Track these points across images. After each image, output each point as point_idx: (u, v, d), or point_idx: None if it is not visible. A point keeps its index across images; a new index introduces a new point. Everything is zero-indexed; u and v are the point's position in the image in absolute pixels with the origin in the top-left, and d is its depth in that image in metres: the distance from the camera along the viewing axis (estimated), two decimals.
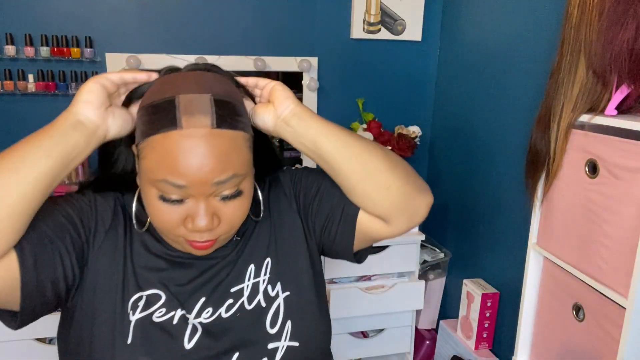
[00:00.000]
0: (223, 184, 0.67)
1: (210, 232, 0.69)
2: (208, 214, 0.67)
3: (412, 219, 0.78)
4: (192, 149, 0.64)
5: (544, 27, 1.48)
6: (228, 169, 0.66)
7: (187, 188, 0.65)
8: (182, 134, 0.64)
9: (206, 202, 0.67)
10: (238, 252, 0.80)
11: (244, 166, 0.69)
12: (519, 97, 1.61)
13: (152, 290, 0.74)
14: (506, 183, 1.70)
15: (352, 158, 0.74)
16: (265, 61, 1.96)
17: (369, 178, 0.75)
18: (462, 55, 1.97)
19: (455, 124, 2.04)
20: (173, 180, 0.64)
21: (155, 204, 0.68)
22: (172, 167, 0.64)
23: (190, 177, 0.64)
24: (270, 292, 0.79)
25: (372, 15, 2.02)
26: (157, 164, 0.65)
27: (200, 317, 0.75)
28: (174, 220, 0.68)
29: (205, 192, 0.66)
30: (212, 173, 0.65)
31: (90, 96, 0.66)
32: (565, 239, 1.10)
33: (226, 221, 0.70)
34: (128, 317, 0.72)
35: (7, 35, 1.73)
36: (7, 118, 1.80)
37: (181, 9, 1.88)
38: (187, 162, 0.64)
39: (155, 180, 0.66)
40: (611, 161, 0.97)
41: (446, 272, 2.12)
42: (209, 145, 0.64)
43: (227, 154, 0.66)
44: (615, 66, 0.95)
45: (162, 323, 0.73)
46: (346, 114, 2.12)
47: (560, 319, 1.15)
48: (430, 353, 2.08)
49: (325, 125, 0.75)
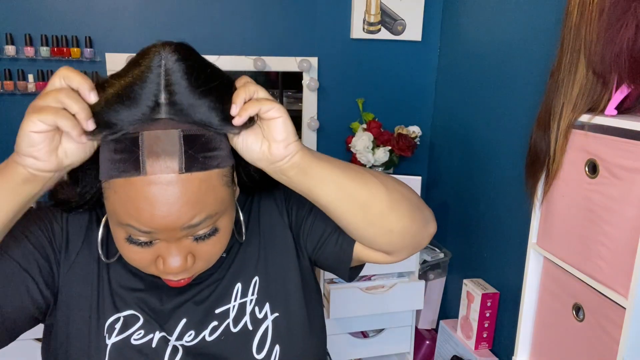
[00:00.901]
0: (195, 227, 0.60)
1: (184, 272, 0.64)
2: (181, 255, 0.62)
3: (414, 250, 0.74)
4: (157, 197, 0.56)
5: (544, 27, 1.48)
6: (200, 213, 0.59)
7: (154, 233, 0.59)
8: (145, 181, 0.56)
9: (178, 243, 0.61)
10: (223, 269, 0.75)
11: (220, 204, 0.62)
12: (519, 97, 1.61)
13: (129, 311, 0.70)
14: (506, 183, 1.70)
15: (354, 209, 0.65)
16: (265, 61, 1.96)
17: (370, 226, 0.67)
18: (462, 56, 1.97)
19: (455, 124, 2.03)
20: (138, 227, 0.58)
21: (124, 245, 0.62)
22: (136, 214, 0.57)
23: (157, 225, 0.58)
24: (257, 313, 0.74)
25: (372, 15, 2.02)
26: (120, 208, 0.58)
27: (182, 340, 0.71)
28: (145, 260, 0.63)
29: (176, 236, 0.60)
30: (180, 220, 0.58)
31: (33, 151, 0.54)
32: (565, 239, 1.10)
33: (202, 258, 0.65)
34: (104, 341, 0.69)
35: (7, 35, 1.73)
36: (7, 118, 1.81)
37: (181, 9, 1.88)
38: (151, 211, 0.57)
39: (120, 223, 0.60)
40: (611, 161, 0.97)
41: (446, 272, 2.12)
42: (177, 191, 0.57)
43: (197, 197, 0.58)
44: (615, 66, 0.94)
45: (140, 346, 0.69)
46: (346, 114, 2.12)
47: (560, 319, 1.15)
48: (430, 353, 2.08)
49: (326, 173, 0.63)
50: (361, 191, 0.65)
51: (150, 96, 0.56)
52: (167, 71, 0.56)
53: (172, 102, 0.56)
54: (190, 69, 0.57)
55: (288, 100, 2.11)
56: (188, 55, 0.58)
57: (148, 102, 0.56)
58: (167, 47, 0.58)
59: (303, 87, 2.05)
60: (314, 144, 2.10)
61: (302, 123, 2.07)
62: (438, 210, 2.19)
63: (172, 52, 0.57)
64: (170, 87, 0.56)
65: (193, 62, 0.58)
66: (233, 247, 0.77)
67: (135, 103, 0.55)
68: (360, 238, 0.70)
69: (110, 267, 0.72)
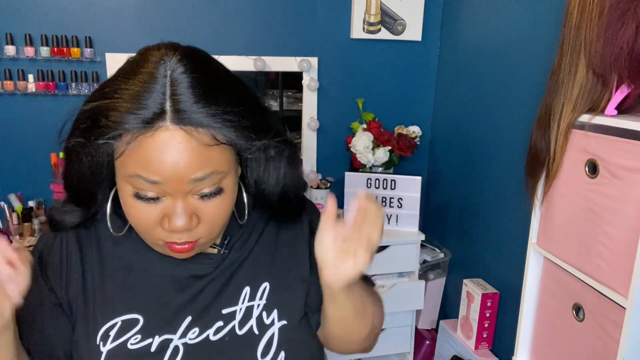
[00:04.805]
0: (201, 181, 0.61)
1: (189, 232, 0.64)
2: (186, 213, 0.63)
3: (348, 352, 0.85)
4: (168, 145, 0.59)
5: (544, 27, 1.48)
6: (207, 165, 0.61)
7: (162, 184, 0.60)
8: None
9: (184, 200, 0.62)
10: (232, 271, 0.75)
11: (225, 163, 0.63)
12: (519, 97, 1.61)
13: (130, 315, 0.70)
14: (506, 183, 1.70)
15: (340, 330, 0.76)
16: (265, 61, 1.96)
17: (338, 341, 0.79)
18: (462, 55, 1.97)
19: (455, 124, 2.04)
20: (147, 176, 0.60)
21: (131, 202, 0.63)
22: (146, 162, 0.59)
23: (165, 173, 0.59)
24: (264, 319, 0.74)
25: (372, 15, 2.02)
26: (131, 159, 0.60)
27: (186, 338, 0.71)
28: (150, 220, 0.64)
29: (183, 189, 0.61)
30: (187, 170, 0.60)
31: None
32: (565, 239, 1.10)
33: (206, 221, 0.65)
34: (99, 349, 0.69)
35: (7, 35, 1.73)
36: (7, 118, 1.80)
37: (181, 9, 1.88)
38: (161, 158, 0.59)
39: (128, 175, 0.61)
40: (611, 161, 0.97)
41: (446, 272, 2.12)
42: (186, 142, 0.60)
43: (205, 150, 0.60)
44: (615, 66, 0.94)
45: (137, 351, 0.69)
46: (346, 114, 2.12)
47: (560, 319, 1.15)
48: (430, 353, 2.08)
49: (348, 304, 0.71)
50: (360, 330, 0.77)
51: (156, 105, 0.58)
52: (173, 82, 0.59)
53: (176, 110, 0.59)
54: (196, 82, 0.60)
55: (288, 100, 2.11)
56: (195, 66, 0.61)
57: (154, 109, 0.58)
58: (173, 55, 0.60)
59: (303, 87, 2.04)
60: (314, 144, 2.11)
61: (302, 123, 2.07)
62: (438, 210, 2.19)
63: (178, 61, 0.60)
64: (175, 97, 0.59)
65: (200, 75, 0.61)
66: (244, 248, 0.77)
67: (139, 110, 0.58)
68: (324, 335, 0.79)
69: (106, 274, 0.72)
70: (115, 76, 0.62)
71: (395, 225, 1.96)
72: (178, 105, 0.58)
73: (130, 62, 0.63)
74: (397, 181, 1.92)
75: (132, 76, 0.60)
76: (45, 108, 1.81)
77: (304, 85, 2.04)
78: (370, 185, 1.95)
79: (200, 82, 0.60)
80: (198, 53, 0.65)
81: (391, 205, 1.94)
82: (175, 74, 0.59)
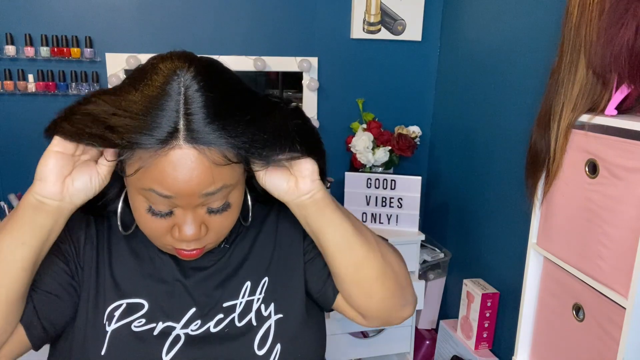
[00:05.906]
0: (212, 195, 0.64)
1: (197, 241, 0.68)
2: (195, 224, 0.66)
3: (385, 324, 0.79)
4: (182, 163, 0.60)
5: (544, 27, 1.48)
6: (218, 181, 0.63)
7: (174, 199, 0.63)
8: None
9: (194, 212, 0.65)
10: (234, 267, 0.78)
11: (234, 177, 0.66)
12: (519, 97, 1.61)
13: (136, 299, 0.73)
14: (506, 183, 1.70)
15: (347, 263, 0.72)
16: (265, 61, 1.96)
17: (354, 285, 0.73)
18: (462, 55, 1.97)
19: (455, 124, 2.04)
20: (160, 191, 0.62)
21: (143, 215, 0.66)
22: (160, 178, 0.61)
23: (178, 189, 0.61)
24: (263, 311, 0.77)
25: (372, 15, 2.02)
26: (145, 174, 0.62)
27: (188, 329, 0.74)
28: (161, 228, 0.67)
29: (193, 203, 0.64)
30: (199, 186, 0.62)
31: (44, 171, 0.60)
32: (565, 239, 1.10)
33: (214, 230, 0.69)
34: (104, 328, 0.71)
35: (7, 35, 1.73)
36: (7, 118, 1.80)
37: (181, 9, 1.88)
38: (175, 175, 0.61)
39: (142, 188, 0.63)
40: (611, 161, 0.97)
41: (446, 272, 2.12)
42: (199, 160, 0.61)
43: (216, 167, 0.62)
44: (615, 66, 0.94)
45: (141, 333, 0.72)
46: (346, 114, 2.12)
47: (560, 319, 1.15)
48: (430, 353, 2.08)
49: (339, 218, 0.70)
50: (360, 249, 0.71)
51: (169, 123, 0.58)
52: (187, 99, 0.59)
53: (190, 129, 0.59)
54: (210, 101, 0.60)
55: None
56: (210, 85, 0.61)
57: (167, 128, 0.58)
58: (187, 69, 0.60)
59: (303, 87, 2.04)
60: None
61: None
62: (438, 210, 2.19)
63: (192, 78, 0.60)
64: (189, 116, 0.59)
65: (215, 94, 0.60)
66: (245, 244, 0.80)
67: (153, 130, 0.58)
68: (342, 291, 0.76)
69: (113, 257, 0.75)
70: (125, 85, 0.62)
71: (395, 225, 1.96)
72: (191, 125, 0.59)
73: (140, 70, 0.63)
74: (397, 181, 1.92)
75: (144, 88, 0.59)
76: (45, 108, 1.81)
77: (304, 85, 2.04)
78: (370, 185, 1.95)
79: (215, 101, 0.60)
80: (213, 67, 0.64)
81: (391, 205, 1.95)
82: (189, 92, 0.59)
